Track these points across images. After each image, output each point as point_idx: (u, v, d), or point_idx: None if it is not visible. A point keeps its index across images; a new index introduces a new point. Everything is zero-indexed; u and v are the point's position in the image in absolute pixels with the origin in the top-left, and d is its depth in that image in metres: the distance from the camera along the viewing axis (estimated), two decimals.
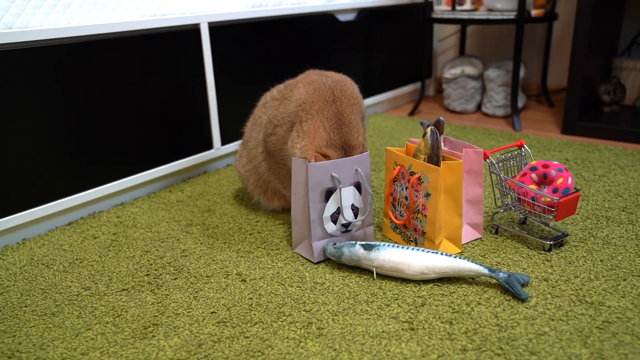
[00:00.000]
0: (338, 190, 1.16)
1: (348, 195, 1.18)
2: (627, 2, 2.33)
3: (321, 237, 1.17)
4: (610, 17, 2.14)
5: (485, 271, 1.06)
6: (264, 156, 1.34)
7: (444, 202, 1.16)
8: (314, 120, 1.19)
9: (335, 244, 1.13)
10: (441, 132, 1.27)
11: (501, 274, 1.05)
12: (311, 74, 1.31)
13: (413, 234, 1.20)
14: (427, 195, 1.14)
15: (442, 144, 1.25)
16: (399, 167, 1.22)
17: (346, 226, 1.19)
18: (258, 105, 1.43)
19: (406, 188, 1.20)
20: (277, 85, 1.42)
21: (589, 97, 2.14)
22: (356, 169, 1.18)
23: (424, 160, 1.16)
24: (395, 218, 1.25)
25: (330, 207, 1.16)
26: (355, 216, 1.20)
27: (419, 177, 1.16)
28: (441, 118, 1.20)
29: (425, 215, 1.16)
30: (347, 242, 1.12)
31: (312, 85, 1.25)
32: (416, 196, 1.17)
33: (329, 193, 1.16)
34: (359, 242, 1.11)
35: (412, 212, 1.19)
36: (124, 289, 1.10)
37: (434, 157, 1.15)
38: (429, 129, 1.15)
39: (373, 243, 1.10)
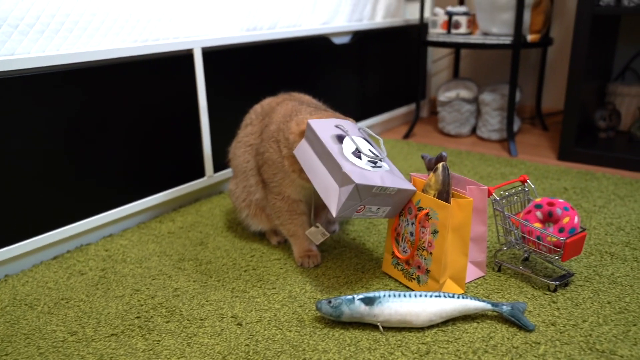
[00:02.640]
0: (348, 136, 1.15)
1: (362, 142, 1.16)
2: (621, 27, 2.33)
3: (352, 170, 1.05)
4: (604, 42, 2.14)
5: (489, 306, 1.05)
6: (261, 186, 1.33)
7: (451, 241, 1.12)
8: (284, 110, 1.27)
9: (330, 301, 1.04)
10: None
11: (504, 307, 1.05)
12: (284, 97, 1.39)
13: (416, 271, 1.16)
14: (435, 232, 1.10)
15: None
16: None
17: (374, 162, 1.13)
18: (241, 126, 1.43)
19: (412, 223, 1.16)
20: (255, 107, 1.42)
21: (585, 122, 2.13)
22: (359, 128, 1.20)
23: (433, 196, 1.12)
24: (400, 253, 1.20)
25: (348, 147, 1.12)
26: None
27: (427, 212, 1.12)
28: (444, 153, 1.17)
29: (430, 253, 1.12)
30: (344, 298, 1.03)
31: (284, 104, 1.31)
32: (422, 232, 1.13)
33: (340, 137, 1.13)
34: (357, 297, 1.03)
35: (417, 248, 1.15)
36: (113, 334, 1.04)
37: (444, 194, 1.11)
38: (440, 164, 1.12)
39: (372, 295, 1.03)
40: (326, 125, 1.15)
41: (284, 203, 1.28)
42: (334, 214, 1.04)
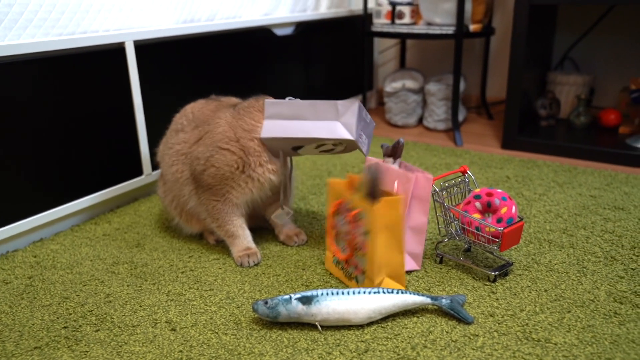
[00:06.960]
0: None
1: None
2: (559, 17, 2.38)
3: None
4: (543, 31, 2.17)
5: (429, 300, 1.04)
6: (194, 192, 1.26)
7: (383, 241, 1.07)
8: (230, 116, 1.25)
9: (266, 302, 1.01)
10: (399, 155, 1.22)
11: (444, 300, 1.04)
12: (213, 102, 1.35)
13: (354, 271, 1.14)
14: (365, 233, 1.07)
15: (398, 167, 1.20)
16: (339, 200, 1.15)
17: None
18: (170, 129, 1.36)
19: (347, 223, 1.13)
20: (185, 108, 1.35)
21: (527, 111, 2.16)
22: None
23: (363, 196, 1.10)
24: (340, 252, 1.17)
25: None
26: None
27: (358, 212, 1.09)
28: (401, 140, 1.17)
29: (364, 254, 1.09)
30: (280, 299, 1.00)
31: (222, 111, 1.27)
32: (355, 233, 1.11)
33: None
34: (294, 297, 1.00)
35: (354, 249, 1.12)
36: (36, 347, 0.98)
37: (370, 196, 1.06)
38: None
39: (310, 294, 1.00)
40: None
41: (225, 205, 1.24)
42: (353, 136, 1.14)
